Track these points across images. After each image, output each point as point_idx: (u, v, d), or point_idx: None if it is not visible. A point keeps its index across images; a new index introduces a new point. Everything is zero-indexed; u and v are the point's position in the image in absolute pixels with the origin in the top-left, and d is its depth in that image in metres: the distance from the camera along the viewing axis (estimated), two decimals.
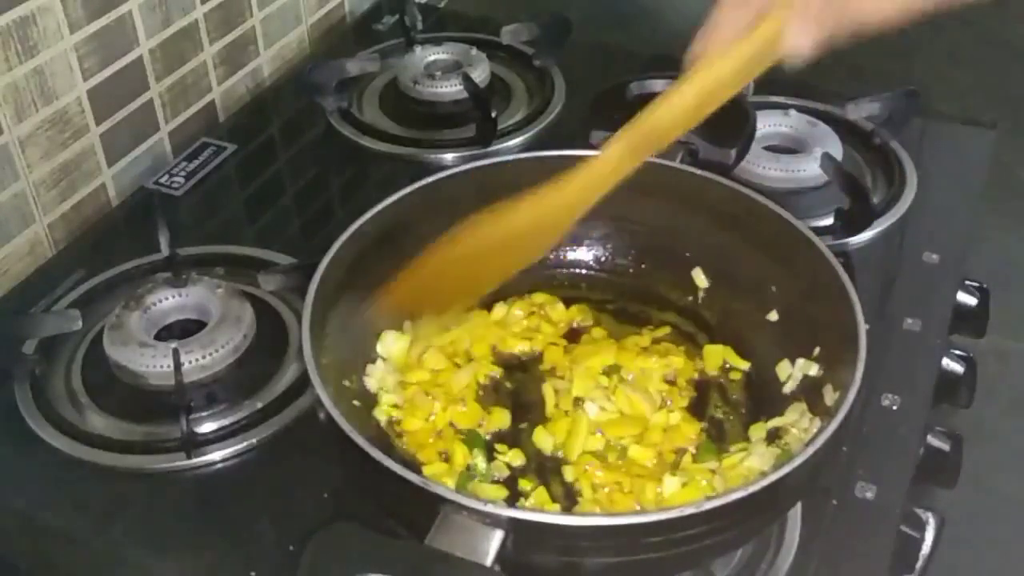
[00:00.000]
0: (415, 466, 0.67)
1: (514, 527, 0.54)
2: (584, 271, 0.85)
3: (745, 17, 0.58)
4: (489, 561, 0.53)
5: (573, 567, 0.57)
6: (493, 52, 1.18)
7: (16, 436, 0.77)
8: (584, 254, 0.85)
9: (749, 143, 0.92)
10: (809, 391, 0.71)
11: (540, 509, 0.67)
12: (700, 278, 0.81)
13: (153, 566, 0.70)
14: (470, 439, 0.72)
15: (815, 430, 0.67)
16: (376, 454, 0.57)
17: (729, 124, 0.91)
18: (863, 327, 0.65)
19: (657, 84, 0.98)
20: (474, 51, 1.15)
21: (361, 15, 1.33)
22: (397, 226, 0.75)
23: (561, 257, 0.85)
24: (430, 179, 0.78)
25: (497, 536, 0.54)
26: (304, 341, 0.64)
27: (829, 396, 0.67)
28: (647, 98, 0.97)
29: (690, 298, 0.82)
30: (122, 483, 0.74)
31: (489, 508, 0.54)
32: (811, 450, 0.58)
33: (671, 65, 1.00)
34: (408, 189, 0.77)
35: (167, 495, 0.74)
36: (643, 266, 0.84)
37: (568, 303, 0.82)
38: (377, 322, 0.75)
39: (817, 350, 0.71)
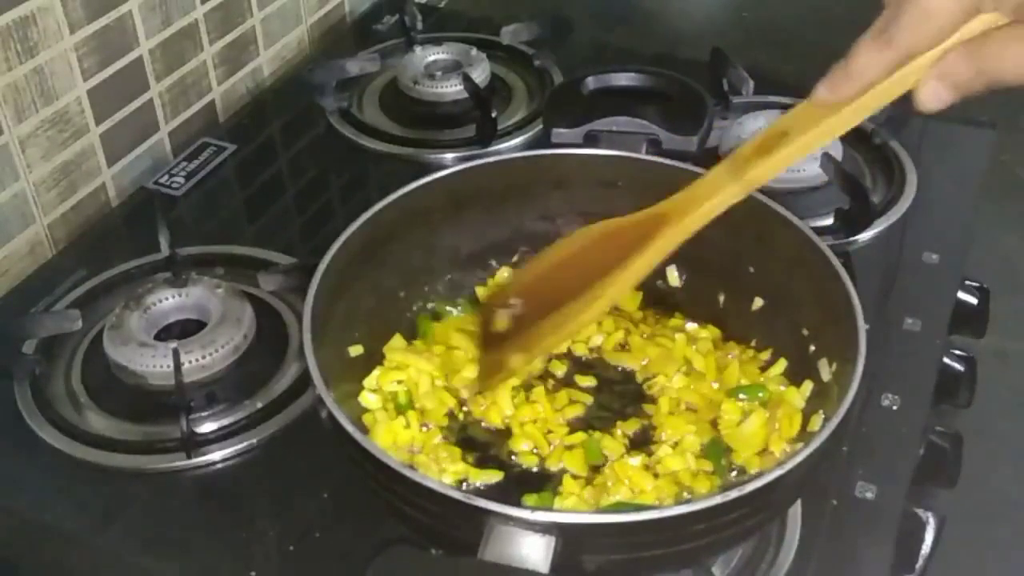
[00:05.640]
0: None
1: (563, 531, 0.53)
2: None
3: (886, 61, 0.54)
4: (547, 568, 0.52)
5: (621, 564, 0.57)
6: (493, 52, 1.18)
7: (16, 436, 0.77)
8: None
9: (709, 130, 0.93)
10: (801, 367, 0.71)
11: (585, 511, 0.66)
12: (673, 276, 0.80)
13: (153, 566, 0.70)
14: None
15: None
16: (413, 474, 0.56)
17: (688, 112, 0.91)
18: (853, 293, 0.64)
19: (615, 78, 0.96)
20: (474, 51, 1.15)
21: (361, 15, 1.33)
22: (399, 225, 0.75)
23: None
24: (444, 172, 0.77)
25: (549, 543, 0.53)
26: (311, 367, 0.63)
27: (825, 371, 0.67)
28: (604, 93, 0.96)
29: (662, 284, 0.81)
30: (122, 483, 0.74)
31: (538, 516, 0.53)
32: (817, 442, 0.57)
33: (671, 64, 1.01)
34: (417, 183, 0.76)
35: (167, 495, 0.74)
36: None
37: None
38: None
39: (805, 331, 0.71)
